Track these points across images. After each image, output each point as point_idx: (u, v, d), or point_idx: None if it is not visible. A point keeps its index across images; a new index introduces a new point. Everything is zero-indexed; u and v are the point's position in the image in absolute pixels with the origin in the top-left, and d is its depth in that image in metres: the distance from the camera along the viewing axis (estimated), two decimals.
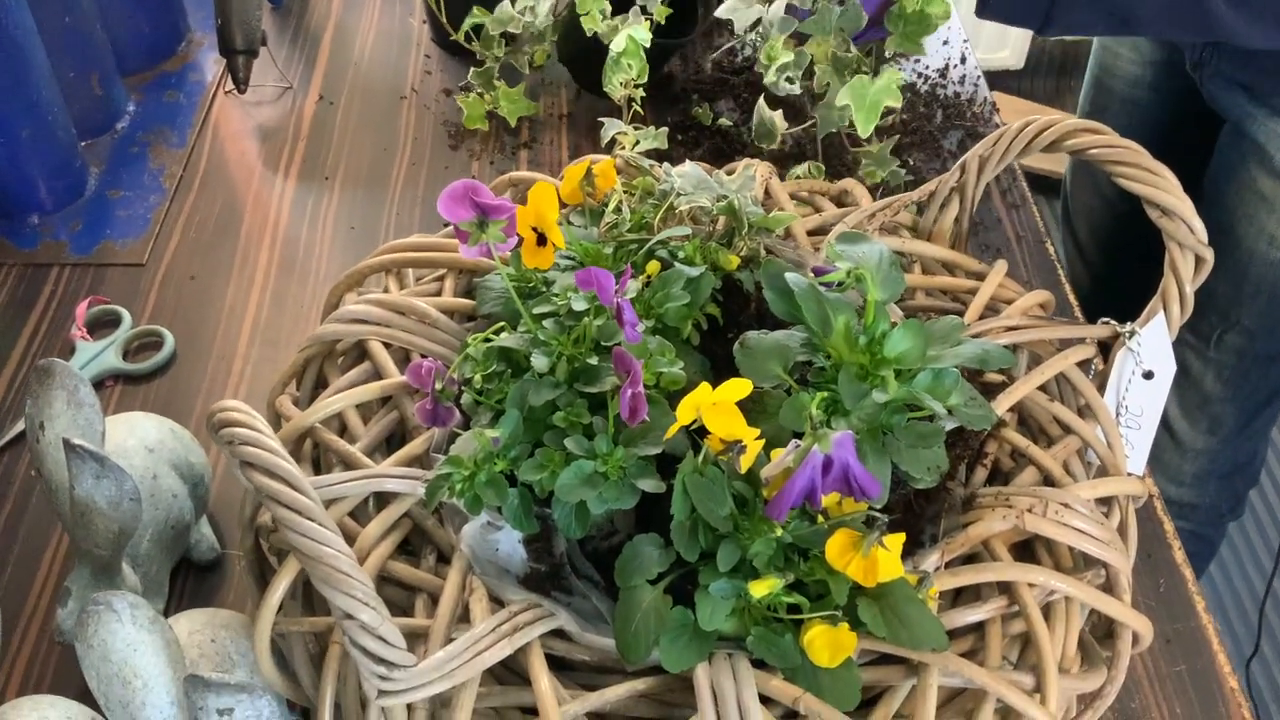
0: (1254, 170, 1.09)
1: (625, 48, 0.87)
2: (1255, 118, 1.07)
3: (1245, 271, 1.12)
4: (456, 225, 0.60)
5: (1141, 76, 1.26)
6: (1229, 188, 1.12)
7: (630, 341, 0.57)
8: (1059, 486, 0.60)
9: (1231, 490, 1.35)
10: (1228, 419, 1.25)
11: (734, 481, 0.55)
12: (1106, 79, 1.31)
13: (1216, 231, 1.14)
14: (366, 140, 1.08)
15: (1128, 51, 1.26)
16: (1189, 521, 1.37)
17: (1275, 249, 1.09)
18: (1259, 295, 1.13)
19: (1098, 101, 1.34)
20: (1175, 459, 1.31)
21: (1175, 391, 1.26)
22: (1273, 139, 1.06)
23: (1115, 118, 1.32)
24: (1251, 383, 1.20)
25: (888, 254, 0.63)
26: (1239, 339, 1.16)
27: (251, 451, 0.49)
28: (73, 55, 1.02)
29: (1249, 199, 1.10)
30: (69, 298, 0.93)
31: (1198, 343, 1.20)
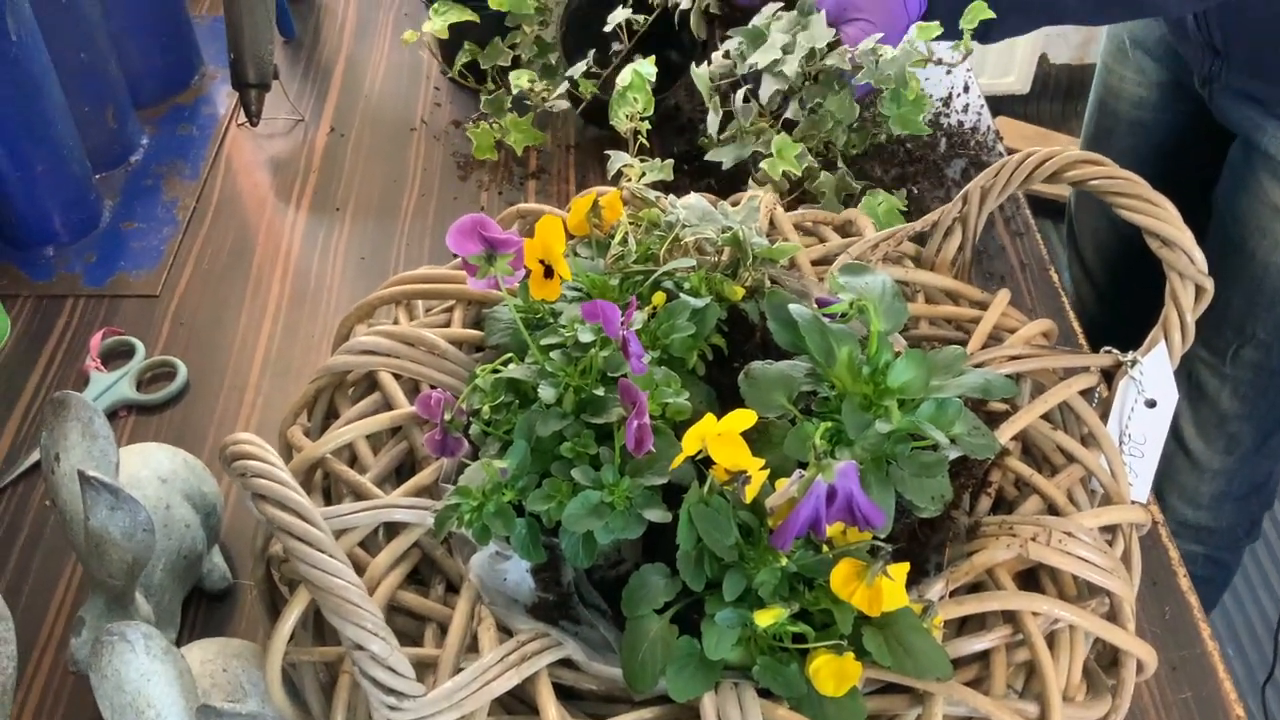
0: (1266, 183, 1.09)
1: (631, 82, 0.88)
2: (1266, 130, 1.08)
3: (1260, 285, 1.13)
4: (465, 259, 0.61)
5: (1146, 98, 1.27)
6: (1241, 202, 1.13)
7: (636, 373, 0.58)
8: (1063, 515, 0.61)
9: (1248, 512, 1.35)
10: (1245, 437, 1.25)
11: (739, 511, 0.56)
12: (1111, 101, 1.32)
13: (1229, 247, 1.15)
14: (377, 172, 1.10)
15: (1132, 74, 1.28)
16: (1206, 546, 1.36)
17: None
18: (1274, 307, 1.13)
19: (1103, 124, 1.35)
20: (1192, 480, 1.31)
21: (1191, 411, 1.26)
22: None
23: (1121, 139, 1.33)
24: (1269, 399, 1.21)
25: (890, 285, 0.63)
26: (1255, 353, 1.17)
27: (264, 484, 0.50)
28: (88, 89, 1.03)
29: (1261, 211, 1.10)
30: (83, 329, 0.94)
31: (1213, 359, 1.20)
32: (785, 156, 0.90)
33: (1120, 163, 1.33)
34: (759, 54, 0.91)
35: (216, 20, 1.25)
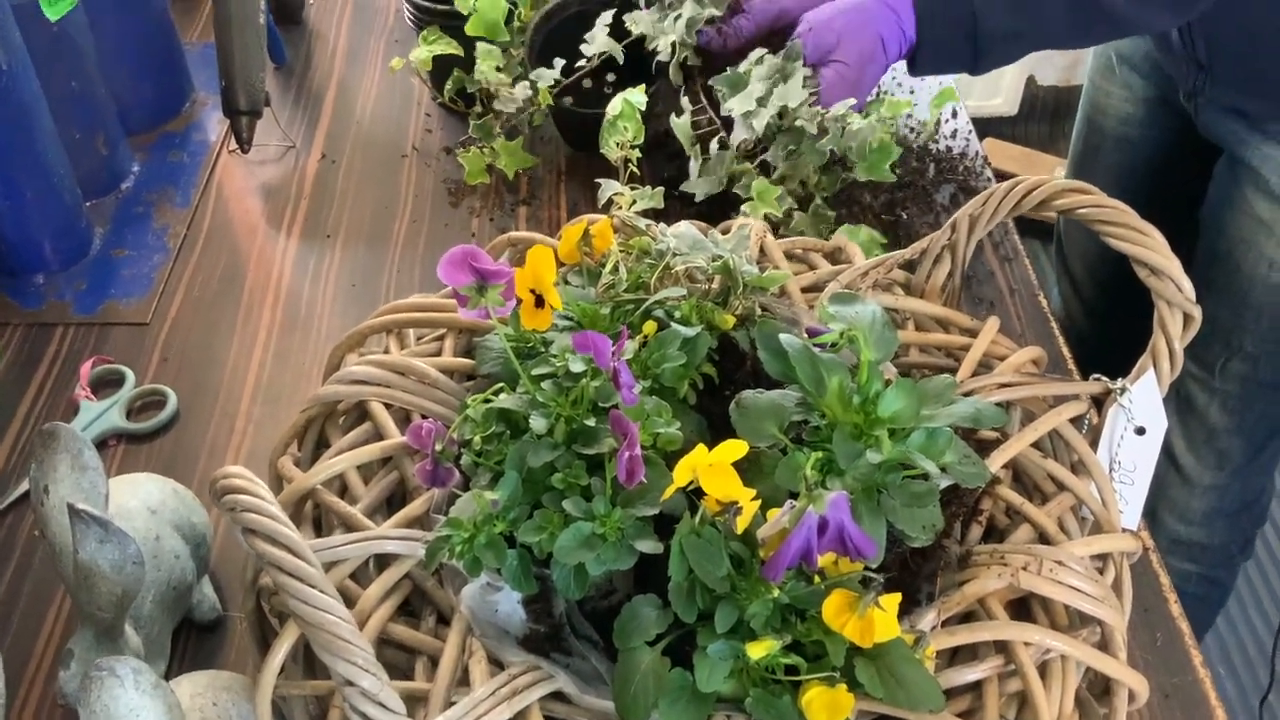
0: (1251, 196, 1.10)
1: (621, 111, 0.88)
2: (1250, 144, 1.09)
3: (1246, 298, 1.14)
4: (456, 289, 0.61)
5: (1133, 114, 1.29)
6: (1227, 216, 1.14)
7: (627, 404, 0.58)
8: (1054, 544, 0.61)
9: (1240, 529, 1.35)
10: (1235, 452, 1.25)
11: (731, 542, 0.56)
12: (1098, 118, 1.33)
13: (1216, 260, 1.16)
14: (368, 198, 1.10)
15: (1119, 90, 1.29)
16: (1199, 564, 1.37)
17: (1276, 273, 1.11)
18: (1261, 320, 1.14)
19: (1090, 140, 1.36)
20: (1183, 496, 1.31)
21: (1181, 426, 1.27)
22: (1268, 163, 1.07)
23: (1108, 156, 1.34)
24: (1257, 412, 1.21)
25: (880, 314, 0.64)
26: (1243, 366, 1.17)
27: (254, 518, 0.50)
28: (78, 117, 1.03)
29: (1247, 225, 1.11)
30: (73, 357, 0.94)
31: (1202, 373, 1.21)
32: (765, 200, 0.91)
33: (1108, 178, 1.36)
34: (736, 100, 0.92)
35: (208, 46, 1.25)
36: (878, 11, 0.96)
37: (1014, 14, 0.94)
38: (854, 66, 0.95)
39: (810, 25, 0.96)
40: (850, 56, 0.94)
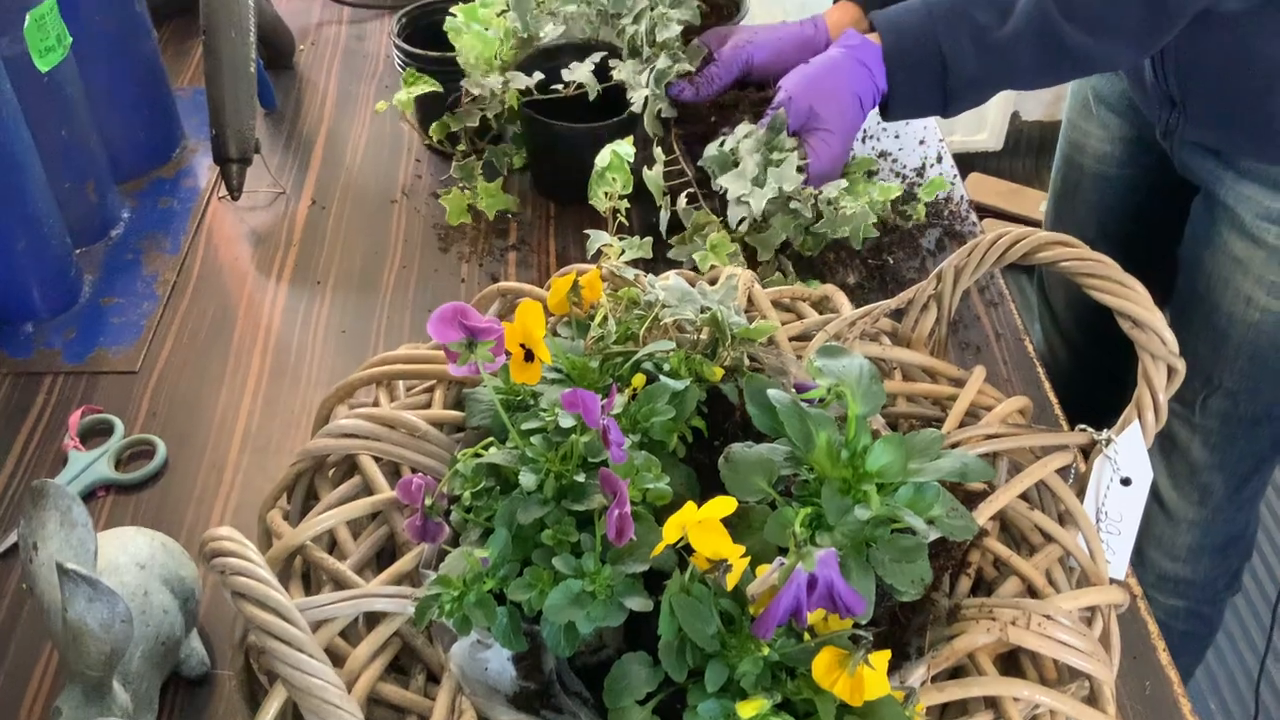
0: (1226, 234, 1.12)
1: (610, 162, 0.89)
2: (1224, 181, 1.10)
3: (1225, 334, 1.15)
4: (446, 346, 0.62)
5: (1110, 153, 1.30)
6: (1204, 254, 1.15)
7: (616, 461, 0.58)
8: (1042, 596, 0.61)
9: (1226, 565, 1.36)
10: (1217, 488, 1.26)
11: (720, 599, 0.56)
12: (1077, 156, 1.35)
13: (1195, 298, 1.17)
14: (358, 244, 1.10)
15: (1096, 129, 1.30)
16: (1187, 600, 1.37)
17: (1253, 310, 1.12)
18: (1239, 357, 1.15)
19: (1069, 178, 1.38)
20: (1168, 531, 1.32)
21: (1164, 462, 1.27)
22: (1242, 202, 1.09)
23: (1086, 194, 1.36)
24: (1238, 448, 1.22)
25: (867, 368, 0.64)
26: (1222, 402, 1.18)
27: (243, 582, 0.50)
28: (69, 165, 1.04)
29: (1224, 262, 1.13)
30: (62, 406, 0.94)
31: (1182, 409, 1.22)
32: (718, 253, 0.93)
33: (1087, 216, 1.37)
34: (730, 181, 0.94)
35: (198, 92, 1.26)
36: (850, 69, 0.98)
37: (982, 59, 0.96)
38: (837, 131, 0.97)
39: (789, 93, 0.98)
40: (832, 122, 0.97)
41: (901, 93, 0.99)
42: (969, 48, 0.96)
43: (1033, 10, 0.94)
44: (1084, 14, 0.93)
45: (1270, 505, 2.06)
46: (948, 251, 1.05)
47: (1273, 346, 1.14)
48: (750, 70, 1.04)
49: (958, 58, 0.96)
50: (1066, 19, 0.93)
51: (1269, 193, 1.07)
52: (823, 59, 1.00)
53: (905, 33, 0.98)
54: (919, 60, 0.97)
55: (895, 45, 0.98)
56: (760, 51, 1.04)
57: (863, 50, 0.99)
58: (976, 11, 0.96)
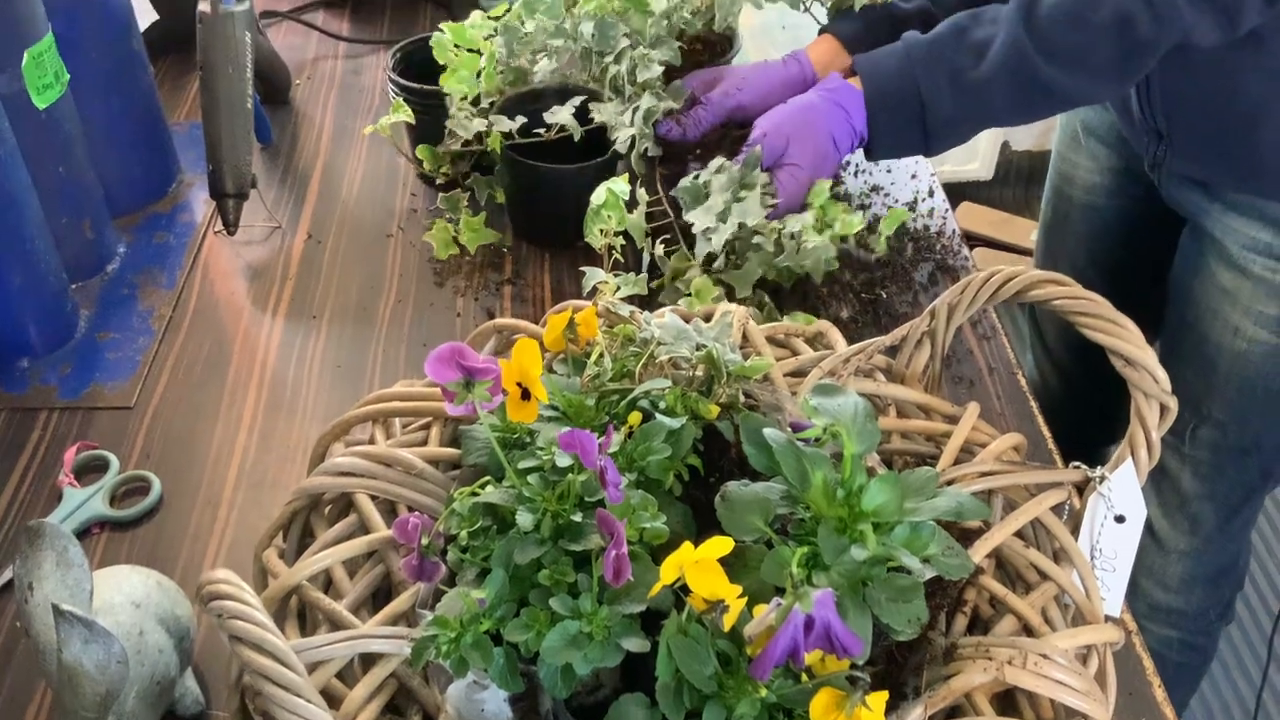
0: (1214, 265, 1.13)
1: (606, 200, 0.90)
2: (1211, 213, 1.11)
3: (1214, 364, 1.16)
4: (443, 386, 0.62)
5: (1099, 183, 1.32)
6: (1193, 284, 1.16)
7: (613, 502, 0.58)
8: (1038, 635, 0.61)
9: (1218, 595, 1.36)
10: (1207, 518, 1.26)
11: (717, 640, 0.56)
12: (1066, 188, 1.36)
13: (1184, 327, 1.18)
14: (354, 278, 1.11)
15: (1085, 160, 1.32)
16: (1180, 630, 1.37)
17: (1240, 340, 1.13)
18: (1228, 386, 1.16)
19: (1059, 209, 1.39)
20: (1159, 561, 1.32)
21: (1154, 492, 1.28)
22: (1229, 233, 1.10)
23: (1076, 225, 1.37)
24: (1228, 478, 1.22)
25: (862, 406, 0.64)
26: (1212, 432, 1.19)
27: (240, 626, 0.50)
28: (66, 202, 1.04)
29: (1212, 293, 1.14)
30: (57, 442, 0.94)
31: (1172, 439, 1.22)
32: (702, 298, 0.93)
33: (1077, 246, 1.39)
34: (697, 215, 0.95)
35: (195, 126, 1.26)
36: (827, 110, 1.00)
37: (960, 100, 0.98)
38: (807, 168, 0.99)
39: (764, 130, 0.99)
40: (804, 159, 0.98)
41: (883, 133, 1.01)
42: (946, 88, 0.98)
43: (1009, 49, 0.96)
44: (1059, 51, 0.95)
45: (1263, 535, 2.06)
46: (940, 285, 1.06)
47: (1260, 377, 1.15)
48: (738, 113, 1.06)
49: (936, 98, 0.98)
50: (1041, 56, 0.95)
51: (1255, 224, 1.08)
52: (801, 99, 1.02)
53: (885, 75, 1.00)
54: (899, 102, 0.99)
55: (875, 88, 1.00)
56: (749, 96, 1.05)
57: (842, 94, 1.01)
58: (953, 53, 0.98)
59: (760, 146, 0.98)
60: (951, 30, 0.99)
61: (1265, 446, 1.20)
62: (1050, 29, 0.95)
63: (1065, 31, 0.94)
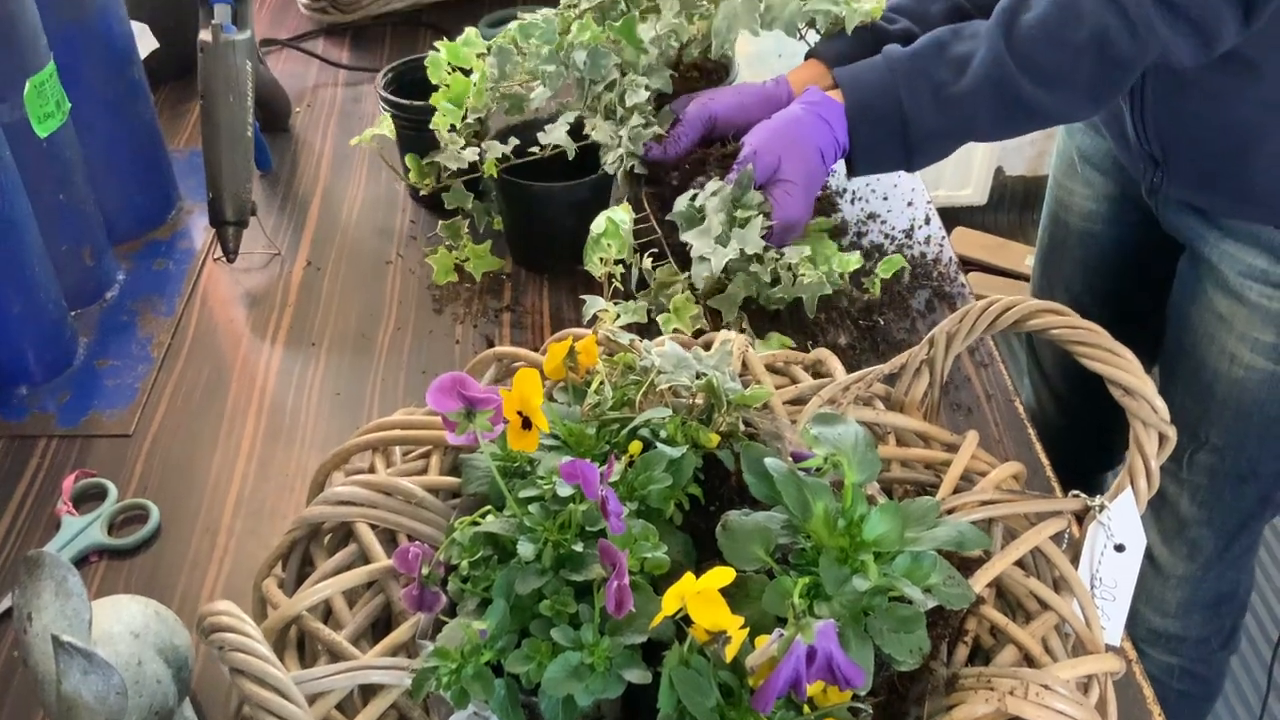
0: (1211, 291, 1.13)
1: (605, 229, 0.90)
2: (1208, 239, 1.12)
3: (1211, 390, 1.16)
4: (445, 416, 0.62)
5: (1096, 210, 1.32)
6: (1190, 311, 1.17)
7: (614, 533, 0.58)
8: (1039, 665, 0.61)
9: (1219, 622, 1.36)
10: (1206, 544, 1.26)
11: (720, 671, 0.56)
12: (1063, 214, 1.37)
13: (1181, 354, 1.19)
14: (353, 305, 1.11)
15: (1081, 188, 1.33)
16: (1180, 657, 1.37)
17: (1237, 366, 1.13)
18: (1225, 412, 1.16)
19: (1056, 236, 1.40)
20: (1158, 587, 1.32)
21: (1153, 517, 1.28)
22: (1226, 259, 1.11)
23: (1074, 250, 1.37)
24: (1226, 504, 1.23)
25: (863, 435, 0.65)
26: (1209, 458, 1.19)
27: (241, 658, 0.50)
28: (66, 230, 1.04)
29: (1209, 319, 1.14)
30: (56, 469, 0.94)
31: (1170, 464, 1.22)
32: (681, 316, 0.94)
33: (1075, 272, 1.39)
34: (695, 237, 0.96)
35: (194, 153, 1.27)
36: (812, 123, 1.00)
37: (942, 113, 0.99)
38: (800, 184, 0.99)
39: (754, 148, 1.00)
40: (796, 175, 0.99)
41: (864, 146, 1.01)
42: (928, 101, 0.98)
43: (990, 64, 0.97)
44: (1039, 68, 0.96)
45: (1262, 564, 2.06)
46: (938, 312, 1.07)
47: (1256, 403, 1.15)
48: (714, 127, 1.06)
49: (918, 111, 0.99)
50: (1022, 72, 0.96)
51: (1251, 250, 1.09)
52: (785, 114, 1.02)
53: (866, 88, 1.00)
54: (881, 115, 1.00)
55: (857, 100, 1.00)
56: (722, 108, 1.06)
57: (824, 106, 1.01)
58: (935, 66, 0.99)
59: (752, 165, 0.98)
60: (933, 44, 1.00)
61: (1262, 473, 1.20)
62: (1030, 46, 0.96)
63: (1045, 49, 0.96)
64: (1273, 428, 1.16)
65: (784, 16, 1.05)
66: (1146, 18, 0.92)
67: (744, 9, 1.05)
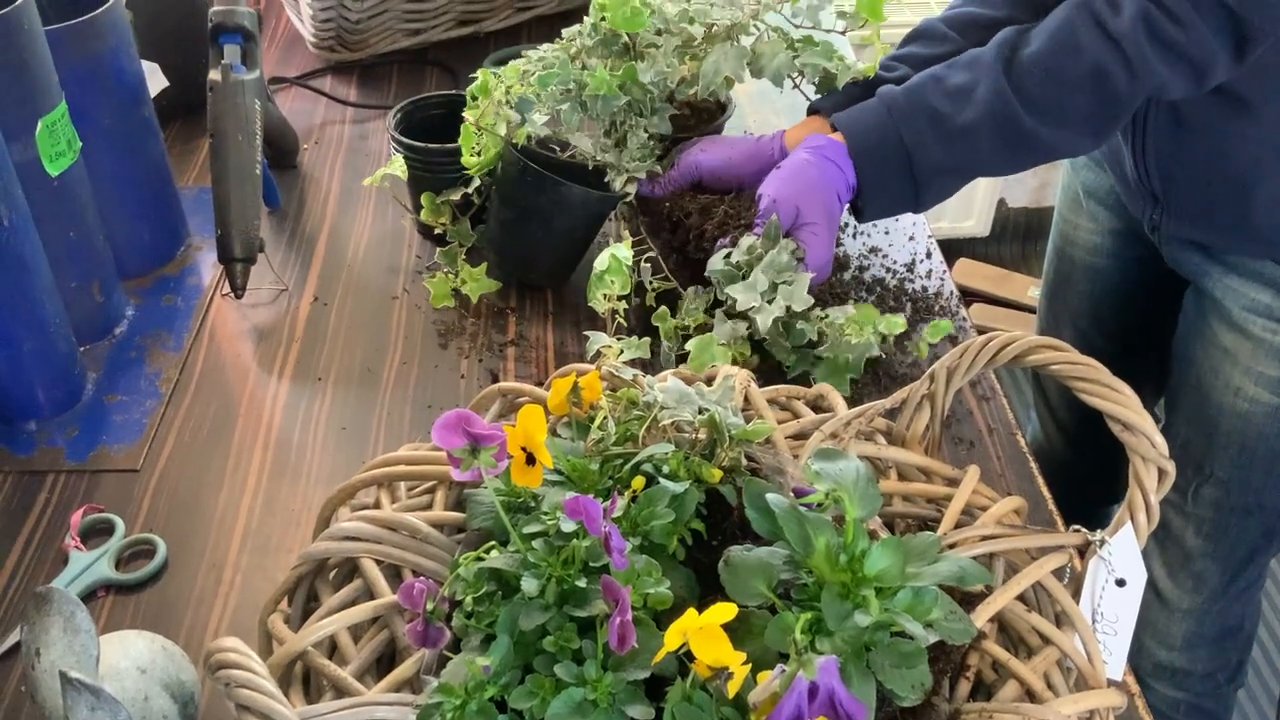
0: (1215, 326, 1.14)
1: (609, 265, 0.91)
2: (1212, 275, 1.13)
3: (1216, 424, 1.17)
4: (450, 452, 0.63)
5: (1100, 244, 1.33)
6: (1194, 345, 1.18)
7: (618, 568, 0.59)
8: (1041, 700, 0.61)
9: (1224, 657, 1.35)
10: (1211, 577, 1.26)
11: (722, 707, 0.56)
12: (1068, 249, 1.38)
13: (1187, 387, 1.19)
14: (359, 340, 1.12)
15: (1086, 221, 1.34)
16: (1186, 691, 1.36)
17: (1242, 400, 1.14)
18: (1230, 446, 1.17)
19: (1061, 270, 1.41)
20: (1163, 620, 1.32)
21: (1158, 549, 1.28)
22: (1229, 294, 1.11)
23: (1079, 284, 1.38)
24: (1231, 537, 1.23)
25: (864, 471, 0.65)
26: (1214, 491, 1.20)
27: (248, 695, 0.50)
28: (76, 266, 1.06)
29: (1213, 354, 1.15)
30: (64, 505, 0.94)
31: (1175, 497, 1.23)
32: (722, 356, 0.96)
33: (1080, 306, 1.40)
34: (740, 292, 0.97)
35: (203, 190, 1.29)
36: (820, 165, 1.02)
37: (944, 145, 1.00)
38: (823, 224, 1.00)
39: (772, 198, 1.01)
40: (817, 216, 1.00)
41: (871, 186, 1.02)
42: (929, 135, 0.99)
43: (992, 98, 0.98)
44: (1038, 103, 0.97)
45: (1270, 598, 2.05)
46: (939, 346, 1.07)
47: (1261, 437, 1.15)
48: (700, 177, 1.10)
49: (920, 146, 1.00)
50: (1023, 106, 0.97)
51: (1254, 285, 1.10)
52: (792, 161, 1.04)
53: (866, 129, 1.02)
54: (884, 155, 1.01)
55: (859, 141, 1.02)
56: (709, 160, 1.09)
57: (830, 149, 1.02)
58: (933, 100, 1.00)
59: (776, 216, 1.00)
60: (927, 78, 1.01)
61: (1267, 506, 1.20)
62: (1030, 80, 0.97)
63: (1044, 84, 0.97)
64: (1277, 461, 1.16)
65: (772, 66, 1.07)
66: (1143, 55, 0.94)
67: (732, 56, 1.07)
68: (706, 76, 1.07)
